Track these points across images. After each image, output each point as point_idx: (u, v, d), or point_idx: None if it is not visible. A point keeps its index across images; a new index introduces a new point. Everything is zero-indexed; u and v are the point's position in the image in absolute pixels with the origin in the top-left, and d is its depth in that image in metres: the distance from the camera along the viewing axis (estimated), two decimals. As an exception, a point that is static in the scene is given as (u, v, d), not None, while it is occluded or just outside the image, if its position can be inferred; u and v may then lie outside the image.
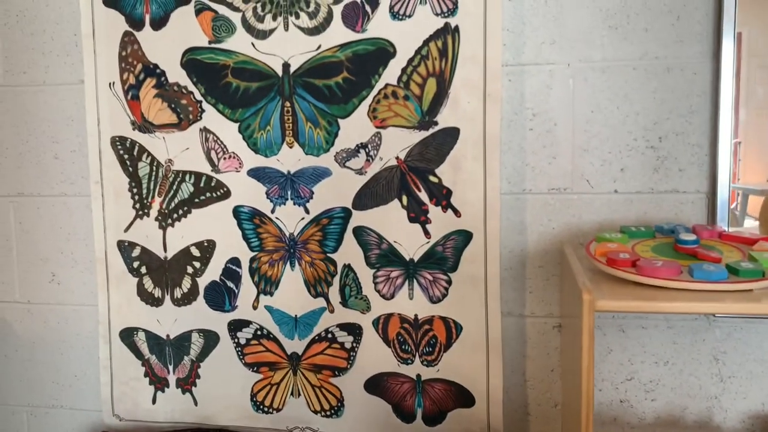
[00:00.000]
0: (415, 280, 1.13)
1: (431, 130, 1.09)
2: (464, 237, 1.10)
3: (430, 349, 1.13)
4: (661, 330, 1.10)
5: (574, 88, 1.08)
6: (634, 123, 1.07)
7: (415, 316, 1.13)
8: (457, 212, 1.10)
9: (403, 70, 1.09)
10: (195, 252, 1.20)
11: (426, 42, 1.07)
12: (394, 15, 1.08)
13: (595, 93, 1.08)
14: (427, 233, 1.11)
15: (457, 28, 1.06)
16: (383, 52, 1.09)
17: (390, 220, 1.13)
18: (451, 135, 1.09)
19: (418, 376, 1.15)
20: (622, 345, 1.11)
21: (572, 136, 1.09)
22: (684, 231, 0.94)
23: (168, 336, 1.23)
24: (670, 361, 1.10)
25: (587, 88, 1.08)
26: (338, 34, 1.10)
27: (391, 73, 1.09)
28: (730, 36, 1.02)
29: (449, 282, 1.11)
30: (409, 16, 1.08)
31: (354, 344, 1.17)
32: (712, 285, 0.78)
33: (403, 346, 1.15)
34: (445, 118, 1.09)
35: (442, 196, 1.10)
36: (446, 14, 1.06)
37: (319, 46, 1.11)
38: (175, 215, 1.20)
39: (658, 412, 1.12)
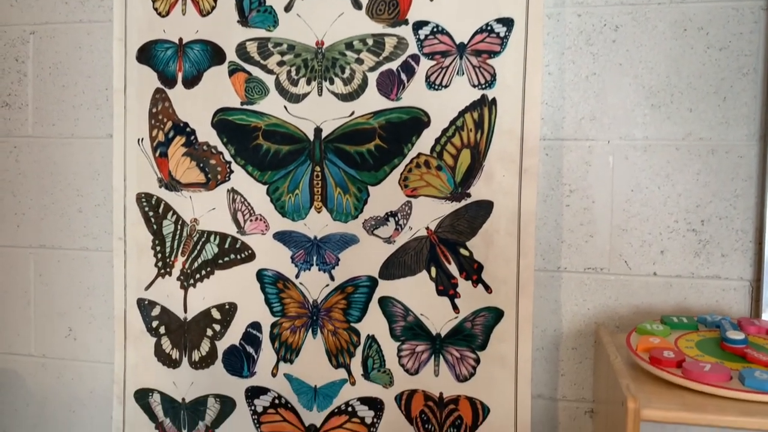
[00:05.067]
0: (441, 357, 1.08)
1: (463, 202, 1.06)
2: (495, 314, 1.05)
3: (455, 430, 1.08)
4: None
5: (614, 166, 1.05)
6: (675, 204, 1.03)
7: (440, 394, 1.09)
8: (488, 288, 1.06)
9: (437, 140, 1.06)
10: (216, 314, 1.17)
11: (462, 113, 1.05)
12: (430, 85, 1.06)
13: (635, 172, 1.04)
14: (455, 308, 1.08)
15: (494, 101, 1.04)
16: (417, 121, 1.07)
17: (417, 292, 1.09)
18: (484, 208, 1.06)
19: (441, 456, 1.10)
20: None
21: (610, 214, 1.05)
22: (730, 326, 0.89)
23: (184, 399, 1.19)
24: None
25: (627, 167, 1.04)
26: (372, 101, 1.08)
27: (424, 143, 1.07)
28: (778, 119, 0.99)
29: (477, 361, 1.07)
30: (446, 87, 1.06)
31: (375, 420, 1.12)
32: (765, 396, 0.73)
33: (426, 425, 1.10)
34: (478, 191, 1.06)
35: (473, 271, 1.06)
36: (484, 86, 1.04)
37: (353, 113, 1.09)
38: (198, 276, 1.17)
39: None
